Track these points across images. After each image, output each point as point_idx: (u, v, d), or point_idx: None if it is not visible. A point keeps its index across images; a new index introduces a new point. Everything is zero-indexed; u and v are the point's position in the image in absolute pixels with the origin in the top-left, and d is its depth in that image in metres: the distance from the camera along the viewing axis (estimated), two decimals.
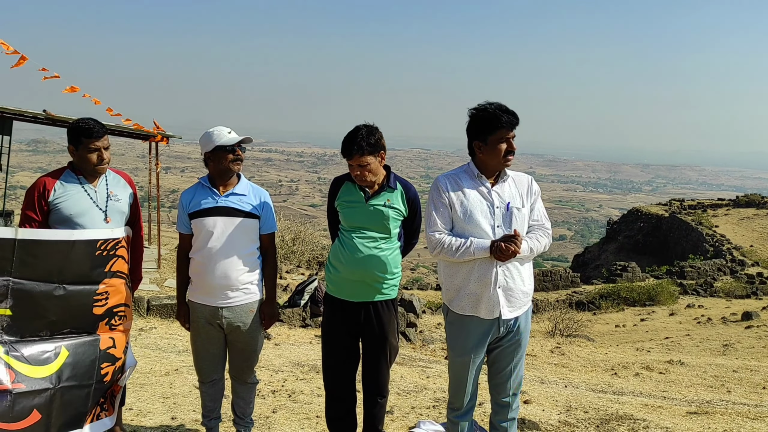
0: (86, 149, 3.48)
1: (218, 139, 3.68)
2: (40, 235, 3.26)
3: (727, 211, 43.80)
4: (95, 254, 3.38)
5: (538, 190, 3.48)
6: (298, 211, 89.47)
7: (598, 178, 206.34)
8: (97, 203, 3.54)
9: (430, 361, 8.59)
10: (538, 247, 3.33)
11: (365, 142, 3.61)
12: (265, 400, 5.27)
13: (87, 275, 3.36)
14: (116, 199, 3.63)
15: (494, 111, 3.23)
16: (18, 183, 74.93)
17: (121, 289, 3.51)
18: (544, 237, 3.38)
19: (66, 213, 3.45)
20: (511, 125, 3.24)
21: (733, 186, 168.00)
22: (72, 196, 3.49)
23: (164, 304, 9.36)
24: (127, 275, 3.59)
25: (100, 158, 3.52)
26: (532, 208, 3.41)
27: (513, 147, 3.28)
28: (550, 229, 3.47)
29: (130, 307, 3.59)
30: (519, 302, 3.32)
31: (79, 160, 3.53)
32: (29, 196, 3.48)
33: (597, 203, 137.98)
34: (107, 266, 3.42)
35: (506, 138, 3.26)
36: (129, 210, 3.71)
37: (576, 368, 9.53)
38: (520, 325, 3.38)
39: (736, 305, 21.73)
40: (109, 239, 3.44)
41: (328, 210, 3.99)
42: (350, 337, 3.87)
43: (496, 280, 3.25)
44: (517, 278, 3.30)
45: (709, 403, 7.13)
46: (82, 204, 3.50)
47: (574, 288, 27.22)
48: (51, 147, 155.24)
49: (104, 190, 3.60)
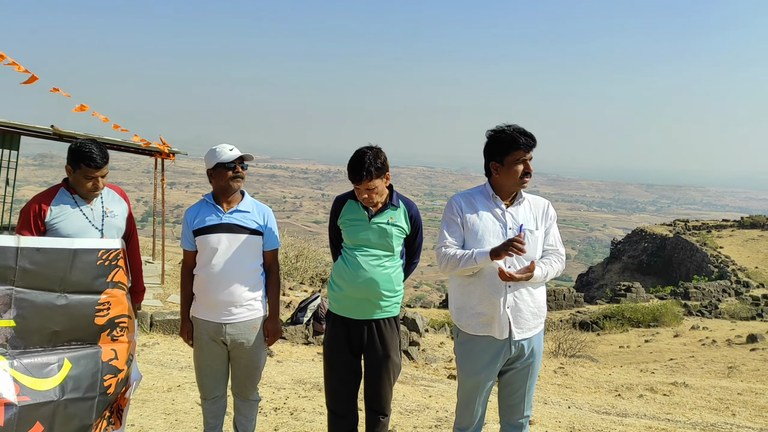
0: (83, 175, 3.50)
1: (219, 156, 3.71)
2: (42, 243, 3.27)
3: (731, 232, 43.71)
4: (96, 264, 3.39)
5: (555, 215, 3.47)
6: (302, 227, 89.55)
7: (602, 197, 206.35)
8: (93, 223, 3.58)
9: (433, 380, 8.55)
10: (550, 272, 3.31)
11: (373, 167, 3.63)
12: (267, 417, 5.25)
13: (89, 285, 3.37)
14: (112, 216, 3.66)
15: (512, 133, 3.26)
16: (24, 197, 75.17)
17: (122, 300, 3.52)
18: (558, 262, 3.36)
19: (63, 233, 3.47)
20: (528, 147, 3.26)
21: (737, 207, 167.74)
22: (68, 217, 3.51)
23: (167, 319, 9.35)
24: (127, 286, 3.60)
25: (95, 186, 3.55)
26: (546, 232, 3.40)
27: (530, 169, 3.29)
28: (564, 255, 3.45)
29: (132, 318, 3.59)
30: (529, 324, 3.31)
31: (74, 182, 3.56)
32: (24, 217, 3.49)
33: (601, 223, 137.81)
34: (109, 276, 3.43)
35: (523, 159, 3.28)
36: (125, 224, 3.74)
37: (579, 389, 9.47)
38: (534, 347, 3.36)
39: (741, 327, 21.60)
40: (111, 249, 3.46)
41: (330, 228, 4.01)
42: (352, 355, 3.86)
43: (505, 301, 3.25)
44: (528, 300, 3.29)
45: (713, 426, 7.07)
46: (78, 224, 3.52)
47: (578, 308, 27.13)
48: (57, 161, 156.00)
49: (100, 208, 3.63)
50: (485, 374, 3.35)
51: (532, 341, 3.35)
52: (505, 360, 3.35)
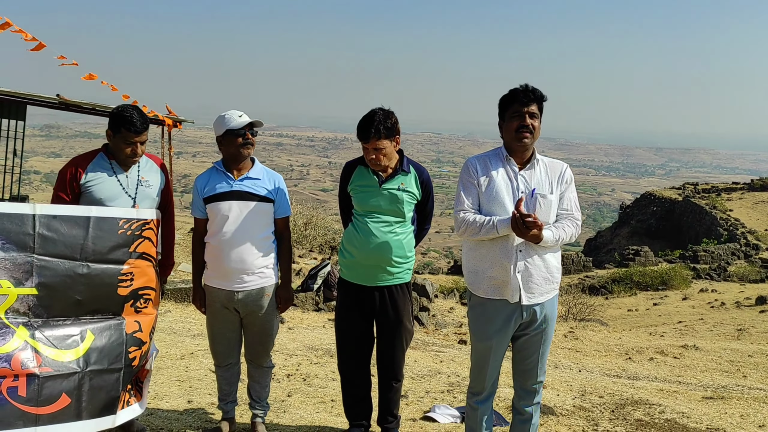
0: (123, 140, 3.47)
1: (229, 122, 3.67)
2: (57, 210, 3.27)
3: (741, 195, 43.41)
4: (118, 232, 3.37)
5: (572, 178, 3.39)
6: (310, 195, 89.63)
7: (610, 161, 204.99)
8: (126, 190, 3.55)
9: (444, 346, 8.59)
10: (563, 236, 3.25)
11: (382, 126, 3.59)
12: (280, 383, 5.29)
13: (110, 254, 3.35)
14: (147, 185, 3.62)
15: (514, 89, 3.21)
16: (32, 168, 75.42)
17: (147, 272, 3.49)
18: (572, 227, 3.29)
19: (96, 197, 3.46)
20: (524, 100, 3.19)
21: (747, 169, 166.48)
22: (103, 182, 3.50)
23: (178, 288, 9.40)
24: (154, 258, 3.58)
25: (134, 152, 3.52)
26: (562, 196, 3.33)
27: (525, 122, 3.20)
28: (580, 219, 3.38)
29: (156, 291, 3.58)
30: (540, 289, 3.27)
31: (114, 147, 3.53)
32: (62, 177, 3.51)
33: (609, 187, 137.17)
34: (132, 246, 3.41)
35: (519, 112, 3.21)
36: (159, 195, 3.70)
37: (590, 353, 9.51)
38: (547, 314, 3.33)
39: (750, 289, 21.57)
40: (132, 219, 3.43)
41: (339, 195, 3.98)
42: (364, 322, 3.87)
43: (516, 265, 3.22)
44: (540, 264, 3.25)
45: (724, 387, 7.10)
46: (112, 189, 3.51)
47: (587, 272, 27.15)
48: (64, 132, 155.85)
49: (135, 176, 3.60)
50: (497, 339, 3.33)
51: (545, 307, 3.32)
52: (517, 325, 3.33)
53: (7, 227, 3.10)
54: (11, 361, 3.02)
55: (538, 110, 3.24)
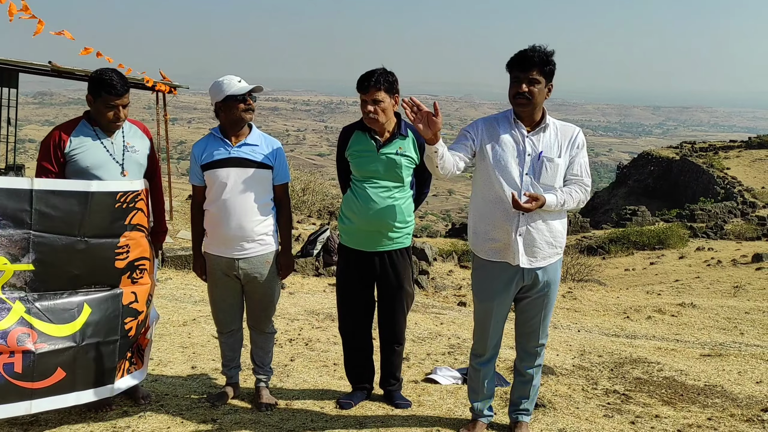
0: (104, 104, 3.39)
1: (229, 88, 3.62)
2: (57, 186, 3.21)
3: (738, 153, 43.37)
4: (115, 206, 3.35)
5: (583, 143, 3.32)
6: (306, 160, 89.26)
7: (607, 121, 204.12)
8: (113, 156, 3.48)
9: (443, 308, 8.66)
10: (569, 201, 3.22)
11: (382, 78, 3.59)
12: (282, 348, 5.34)
13: (107, 228, 3.34)
14: (133, 151, 3.56)
15: (519, 52, 3.17)
16: (26, 136, 74.82)
17: (141, 243, 3.49)
18: (580, 192, 3.26)
19: (82, 165, 3.39)
20: (524, 65, 3.13)
21: (745, 127, 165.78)
22: (88, 149, 3.42)
23: (178, 255, 9.42)
24: (147, 228, 3.57)
25: (117, 116, 3.44)
26: (572, 161, 3.28)
27: (521, 89, 3.14)
28: (590, 185, 3.34)
29: (151, 260, 3.58)
30: (543, 253, 3.26)
31: (95, 112, 3.45)
32: (45, 147, 3.41)
33: (607, 147, 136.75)
34: (127, 219, 3.40)
35: (518, 78, 3.16)
36: (147, 161, 3.66)
37: (588, 312, 9.59)
38: (549, 278, 3.33)
39: (747, 247, 21.66)
40: (128, 191, 3.40)
41: (337, 160, 3.95)
42: (365, 287, 3.88)
43: (517, 228, 3.21)
44: (543, 228, 3.23)
45: (722, 345, 7.18)
46: (98, 156, 3.43)
47: (584, 233, 27.22)
48: (57, 99, 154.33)
49: (121, 142, 3.53)
50: (498, 301, 3.35)
51: (547, 271, 3.32)
52: (519, 288, 3.34)
53: (3, 203, 3.05)
54: (7, 338, 3.03)
55: (540, 75, 3.15)
